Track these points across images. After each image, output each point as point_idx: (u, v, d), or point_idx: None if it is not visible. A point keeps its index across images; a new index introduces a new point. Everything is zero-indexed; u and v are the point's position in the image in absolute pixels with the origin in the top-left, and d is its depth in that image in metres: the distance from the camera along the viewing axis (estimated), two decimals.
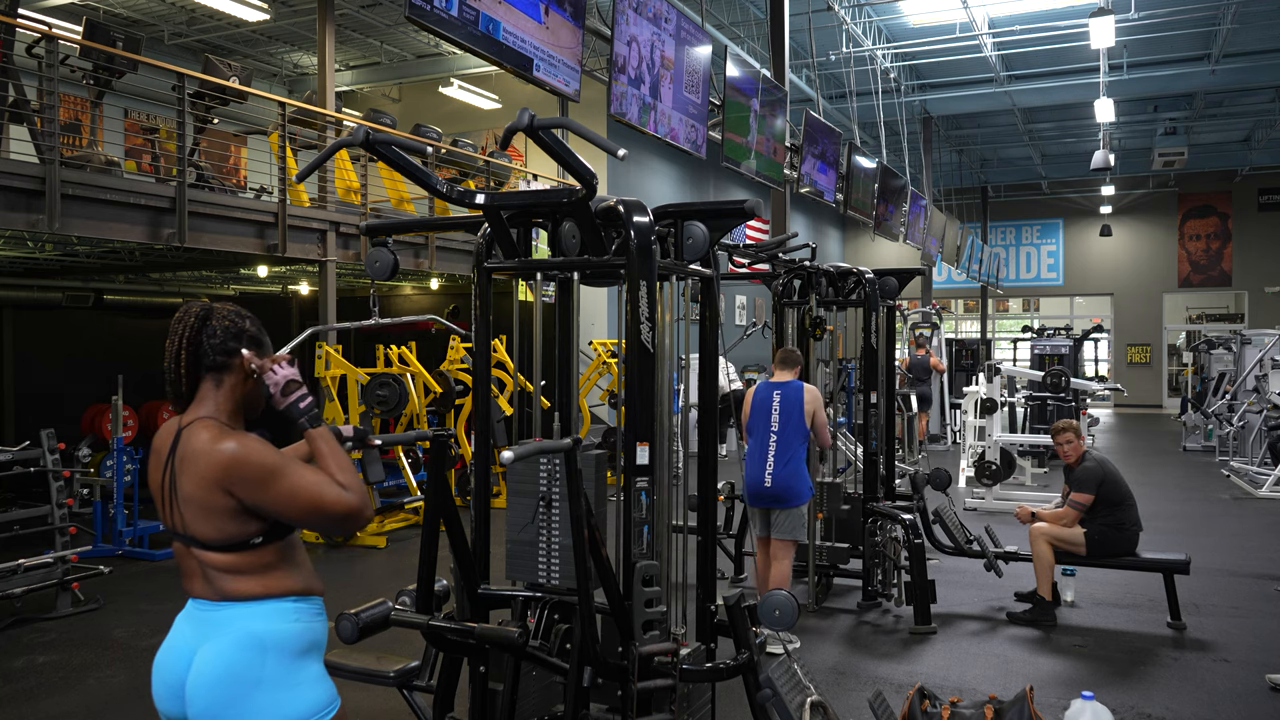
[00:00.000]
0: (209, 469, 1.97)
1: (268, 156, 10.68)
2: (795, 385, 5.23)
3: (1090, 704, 3.32)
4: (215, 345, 2.07)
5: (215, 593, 2.03)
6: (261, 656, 2.00)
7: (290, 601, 2.06)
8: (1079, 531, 5.52)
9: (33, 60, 6.75)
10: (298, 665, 2.05)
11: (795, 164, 10.16)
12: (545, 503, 3.05)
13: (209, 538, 2.00)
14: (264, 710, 2.00)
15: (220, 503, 1.98)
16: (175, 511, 2.04)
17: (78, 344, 10.96)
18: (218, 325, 2.08)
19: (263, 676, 2.00)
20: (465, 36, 4.43)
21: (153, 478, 2.11)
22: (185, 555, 2.08)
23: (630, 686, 2.77)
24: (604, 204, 3.00)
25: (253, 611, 2.02)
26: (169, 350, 2.06)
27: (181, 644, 2.07)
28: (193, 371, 2.06)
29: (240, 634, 2.01)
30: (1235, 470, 11.35)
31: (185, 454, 2.01)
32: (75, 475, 6.99)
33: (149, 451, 2.19)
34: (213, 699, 2.00)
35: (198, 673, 2.02)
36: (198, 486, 1.99)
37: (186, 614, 2.10)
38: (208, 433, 2.01)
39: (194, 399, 2.07)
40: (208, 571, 2.04)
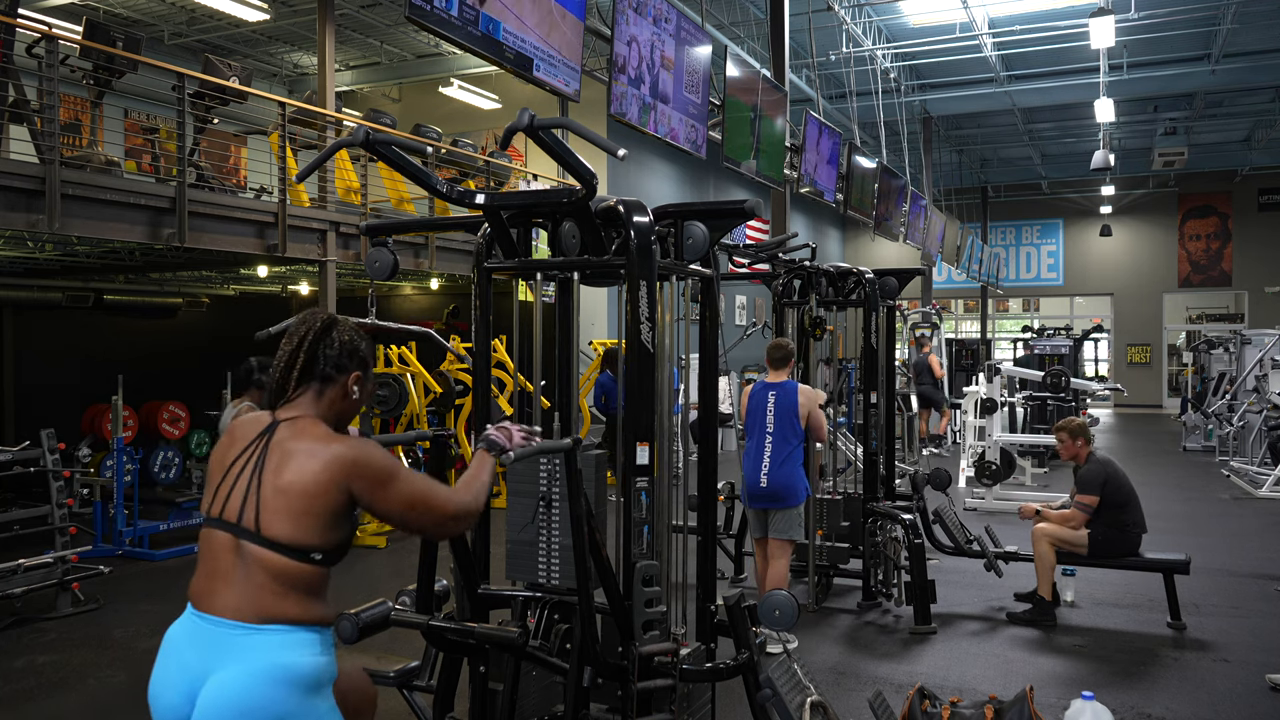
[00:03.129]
0: (332, 464, 1.97)
1: (268, 156, 10.67)
2: (790, 386, 5.23)
3: (1090, 704, 3.32)
4: (330, 357, 2.12)
5: (248, 609, 1.94)
6: (286, 692, 1.93)
7: (317, 632, 2.03)
8: (1082, 533, 5.52)
9: (33, 60, 6.75)
10: (315, 701, 1.99)
11: (795, 164, 10.16)
12: (545, 503, 3.05)
13: (280, 537, 1.95)
14: None
15: (328, 501, 1.97)
16: (245, 502, 1.97)
17: (78, 344, 10.96)
18: (337, 338, 2.13)
19: (285, 712, 1.92)
20: (465, 36, 4.43)
21: (222, 461, 2.07)
22: (223, 550, 1.98)
23: (630, 686, 2.77)
24: (604, 204, 3.00)
25: (282, 641, 1.95)
26: (284, 349, 2.11)
27: (185, 667, 1.95)
28: (303, 376, 2.10)
29: (266, 665, 1.92)
30: (1235, 470, 11.35)
31: (292, 445, 2.00)
32: (75, 475, 7.00)
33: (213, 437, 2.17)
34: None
35: (214, 703, 1.90)
36: (309, 481, 1.96)
37: (191, 632, 1.98)
38: (323, 431, 2.05)
39: (290, 401, 2.10)
40: (251, 576, 1.95)
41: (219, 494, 2.02)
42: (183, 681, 1.94)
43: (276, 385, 2.11)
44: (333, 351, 2.12)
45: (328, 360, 2.12)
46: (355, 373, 2.16)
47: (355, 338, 2.17)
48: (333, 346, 2.12)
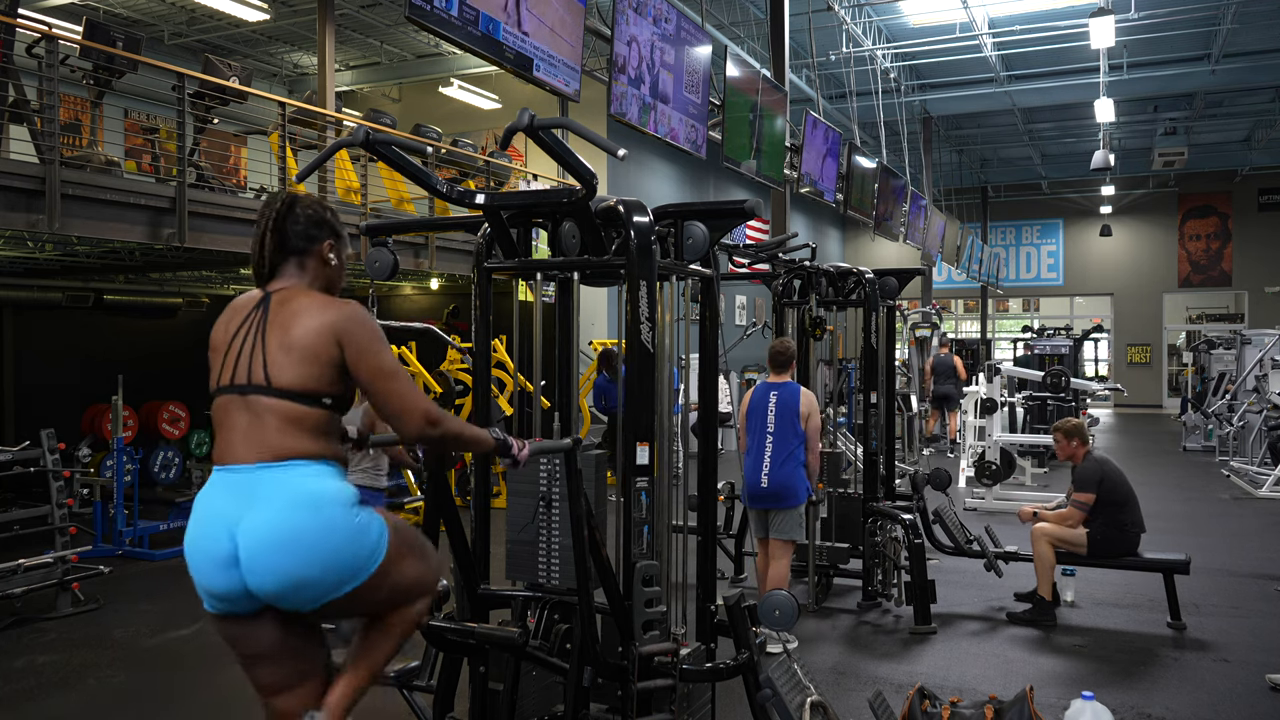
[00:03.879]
0: (327, 316, 2.13)
1: (268, 156, 10.67)
2: (792, 387, 5.23)
3: (1090, 704, 3.32)
4: (298, 231, 2.23)
5: (263, 451, 2.07)
6: (321, 510, 2.05)
7: (333, 465, 2.15)
8: (1081, 532, 5.52)
9: (33, 60, 6.75)
10: (350, 512, 2.10)
11: (795, 164, 10.16)
12: (545, 503, 3.05)
13: (291, 385, 2.09)
14: (345, 558, 2.06)
15: (324, 352, 2.11)
16: (253, 363, 2.11)
17: (78, 344, 10.95)
18: (301, 213, 2.24)
19: (330, 525, 2.05)
20: (465, 36, 4.43)
21: (223, 335, 2.19)
22: (236, 410, 2.11)
23: (630, 686, 2.77)
24: (604, 204, 3.00)
25: (304, 471, 2.08)
26: (256, 235, 2.23)
27: (219, 514, 2.07)
28: (276, 254, 2.22)
29: (293, 493, 2.05)
30: (1235, 470, 11.35)
31: (289, 308, 2.14)
32: (75, 475, 6.99)
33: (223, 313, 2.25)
34: (285, 563, 2.02)
35: (257, 539, 2.02)
36: (307, 332, 2.11)
37: (219, 484, 2.11)
38: (316, 295, 2.20)
39: (276, 279, 2.23)
40: (263, 423, 2.08)
41: (226, 365, 2.15)
42: (221, 527, 2.05)
43: (256, 268, 2.22)
44: (300, 226, 2.23)
45: (296, 235, 2.23)
46: (327, 240, 2.27)
47: (318, 209, 2.28)
48: (299, 222, 2.23)
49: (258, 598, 2.07)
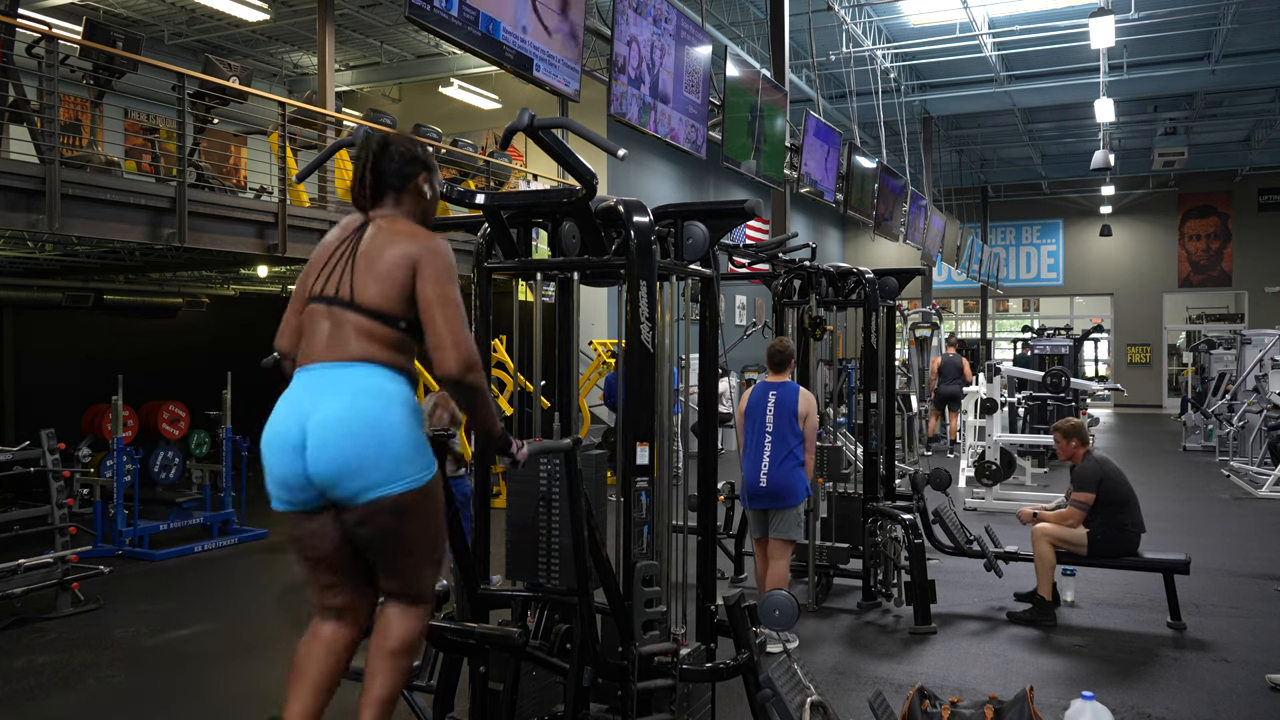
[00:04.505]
0: (409, 246, 2.32)
1: (268, 156, 10.67)
2: (791, 387, 5.23)
3: (1090, 704, 3.31)
4: (394, 169, 2.44)
5: (343, 354, 2.28)
6: (386, 404, 2.26)
7: (405, 374, 2.36)
8: (1081, 532, 5.52)
9: (33, 60, 6.75)
10: (415, 420, 2.32)
11: (795, 164, 10.16)
12: (545, 502, 3.05)
13: (371, 303, 2.30)
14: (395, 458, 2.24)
15: (401, 277, 2.30)
16: (341, 280, 2.33)
17: (78, 344, 10.95)
18: (395, 152, 2.45)
19: (392, 421, 2.25)
20: (465, 36, 4.43)
21: (325, 252, 2.41)
22: (322, 318, 2.33)
23: (630, 686, 2.77)
24: (604, 204, 3.00)
25: (375, 371, 2.29)
26: (355, 175, 2.43)
27: (296, 406, 2.27)
28: (377, 193, 2.44)
29: (363, 385, 2.26)
30: (1235, 470, 11.35)
31: (381, 236, 2.36)
32: (75, 475, 6.99)
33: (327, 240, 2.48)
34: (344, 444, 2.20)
35: (325, 422, 2.22)
36: (390, 258, 2.31)
37: (299, 382, 2.31)
38: (407, 225, 2.40)
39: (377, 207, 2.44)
40: (344, 333, 2.29)
41: (321, 277, 2.38)
42: (295, 418, 2.26)
43: (357, 200, 2.44)
44: (394, 164, 2.44)
45: (392, 173, 2.44)
46: (420, 174, 2.48)
47: (410, 146, 2.49)
48: (393, 160, 2.44)
49: (315, 484, 2.25)
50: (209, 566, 7.10)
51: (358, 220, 2.45)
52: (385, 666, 2.43)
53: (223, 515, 7.97)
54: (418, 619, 2.48)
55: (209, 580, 6.73)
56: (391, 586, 2.47)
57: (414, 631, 2.47)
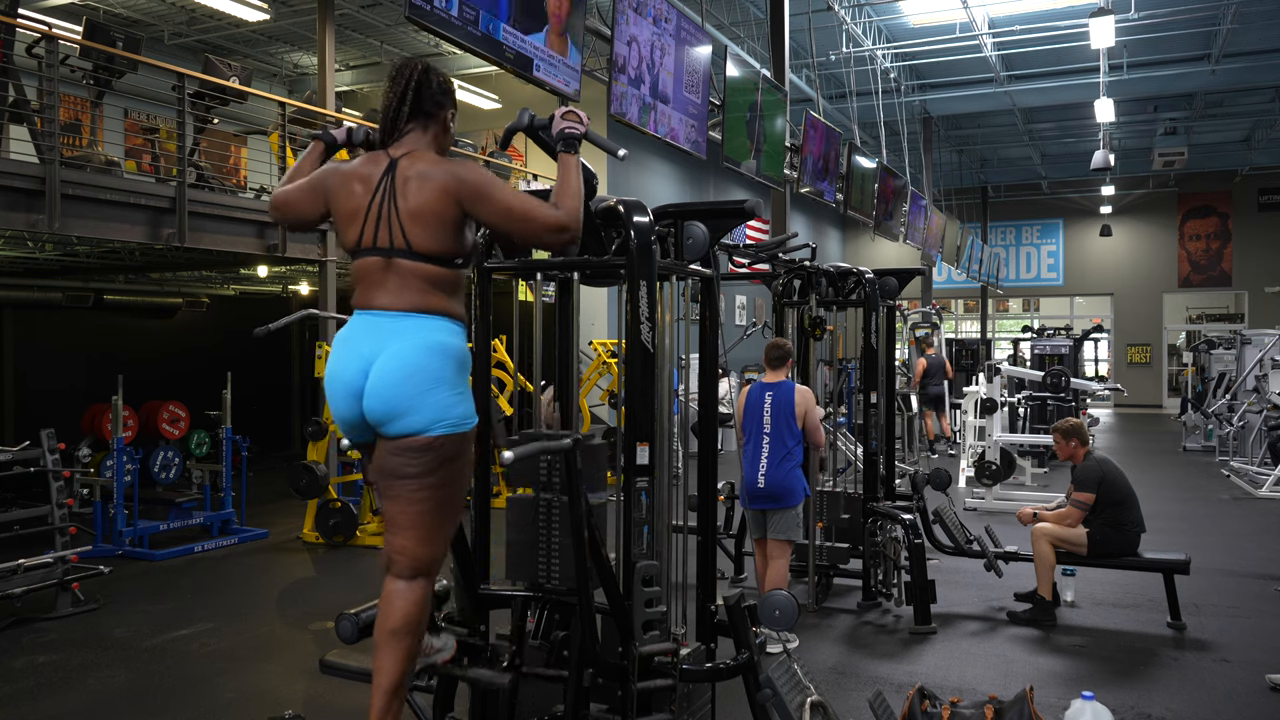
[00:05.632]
0: (443, 187, 2.37)
1: (268, 156, 10.67)
2: (787, 386, 5.22)
3: (1090, 704, 3.31)
4: (431, 95, 2.50)
5: (405, 303, 2.36)
6: (443, 359, 2.36)
7: (460, 324, 2.45)
8: (1081, 531, 5.52)
9: (33, 60, 6.75)
10: (464, 374, 2.42)
11: (795, 164, 10.16)
12: (545, 490, 3.04)
13: (428, 249, 2.37)
14: (440, 405, 2.35)
15: (449, 213, 2.37)
16: (392, 230, 2.36)
17: (78, 344, 10.95)
18: (434, 79, 2.52)
19: (443, 375, 2.36)
20: (465, 36, 4.43)
21: (355, 200, 2.42)
22: (381, 269, 2.39)
23: (630, 686, 2.77)
24: (604, 204, 3.00)
25: (434, 324, 2.38)
26: (392, 93, 2.46)
27: (359, 352, 2.36)
28: (412, 114, 2.47)
29: (424, 339, 2.35)
30: (1235, 470, 11.35)
31: (413, 174, 2.38)
32: (75, 475, 6.99)
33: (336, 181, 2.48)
34: (399, 392, 2.31)
35: (385, 371, 2.32)
36: (431, 199, 2.36)
37: (362, 325, 2.39)
38: (432, 158, 2.43)
39: (402, 139, 2.47)
40: (407, 282, 2.37)
41: (366, 229, 2.40)
42: (358, 360, 2.36)
43: (389, 123, 2.46)
44: (434, 90, 2.50)
45: (430, 98, 2.49)
46: (450, 108, 2.57)
47: (448, 79, 2.57)
48: (433, 85, 2.50)
49: (369, 425, 2.38)
50: (209, 566, 7.10)
51: (379, 161, 2.45)
52: (390, 649, 2.45)
53: (223, 515, 7.97)
54: (419, 593, 2.49)
55: (209, 580, 6.73)
56: (398, 544, 2.48)
57: (416, 607, 2.49)
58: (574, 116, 2.64)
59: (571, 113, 2.65)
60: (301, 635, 5.45)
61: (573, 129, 2.62)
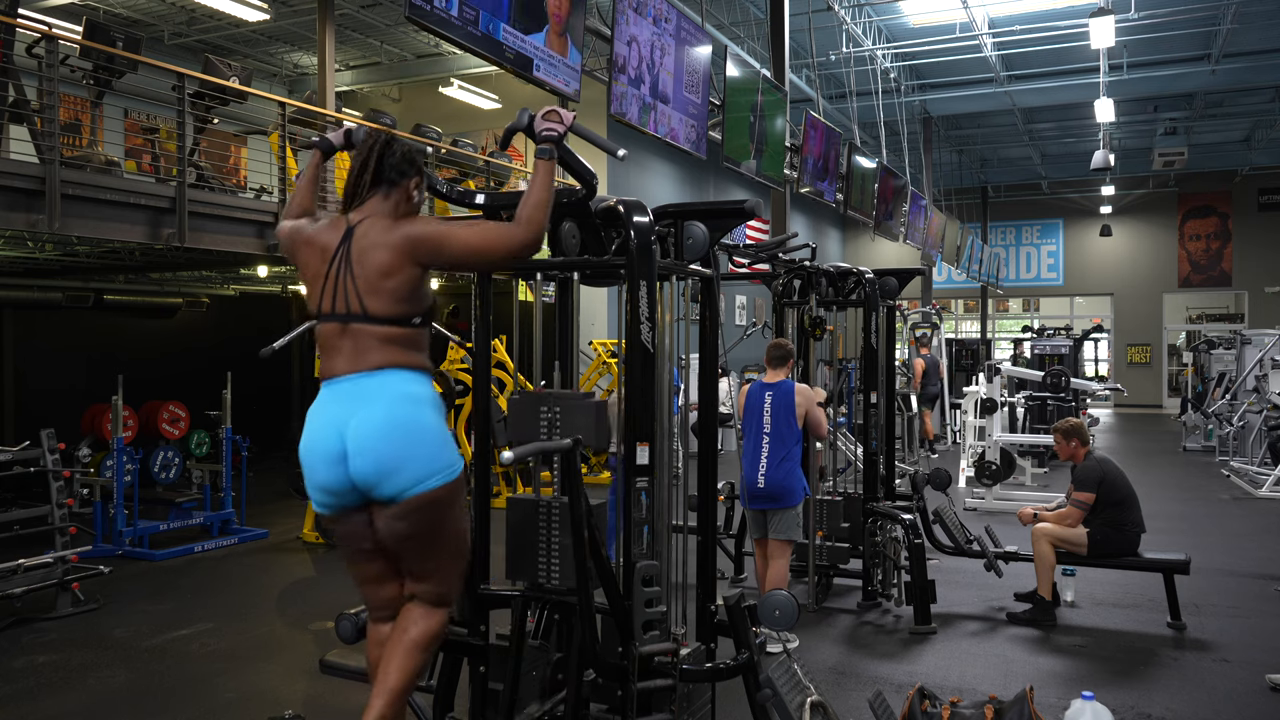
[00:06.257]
0: (396, 250, 2.38)
1: (268, 156, 10.67)
2: (787, 385, 5.22)
3: (1090, 704, 3.31)
4: (393, 164, 2.50)
5: (366, 364, 2.38)
6: (415, 408, 2.37)
7: (425, 373, 2.46)
8: (1081, 531, 5.52)
9: (33, 60, 6.75)
10: (440, 418, 2.43)
11: (795, 164, 10.16)
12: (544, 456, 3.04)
13: (385, 312, 2.39)
14: (429, 456, 2.36)
15: (407, 273, 2.39)
16: (349, 295, 2.39)
17: (78, 344, 10.95)
18: (399, 149, 2.53)
19: (422, 424, 2.37)
20: (465, 36, 4.43)
21: (314, 267, 2.46)
22: (339, 335, 2.41)
23: (630, 686, 2.77)
24: (604, 204, 3.00)
25: (398, 377, 2.39)
26: (356, 161, 2.49)
27: (331, 419, 2.37)
28: (373, 182, 2.48)
29: (396, 394, 2.36)
30: (1235, 470, 11.35)
31: (367, 242, 2.41)
32: (75, 475, 6.99)
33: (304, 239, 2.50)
34: (383, 449, 2.32)
35: (363, 432, 2.32)
36: (387, 261, 2.38)
37: (329, 394, 2.41)
38: (387, 222, 2.44)
39: (362, 204, 2.49)
40: (367, 345, 2.39)
41: (325, 295, 2.43)
42: (331, 426, 2.36)
43: (350, 190, 2.49)
44: (395, 159, 2.50)
45: (392, 167, 2.50)
46: (415, 178, 2.55)
47: (413, 149, 2.57)
48: (395, 155, 2.51)
49: (358, 488, 2.36)
50: (209, 566, 7.10)
51: (338, 226, 2.48)
52: (403, 657, 2.52)
53: (223, 515, 7.97)
54: (440, 619, 2.59)
55: (209, 580, 6.73)
56: (418, 589, 2.59)
57: (435, 629, 2.58)
58: (555, 116, 2.61)
59: (553, 112, 2.62)
60: (301, 635, 5.45)
61: (550, 130, 2.59)
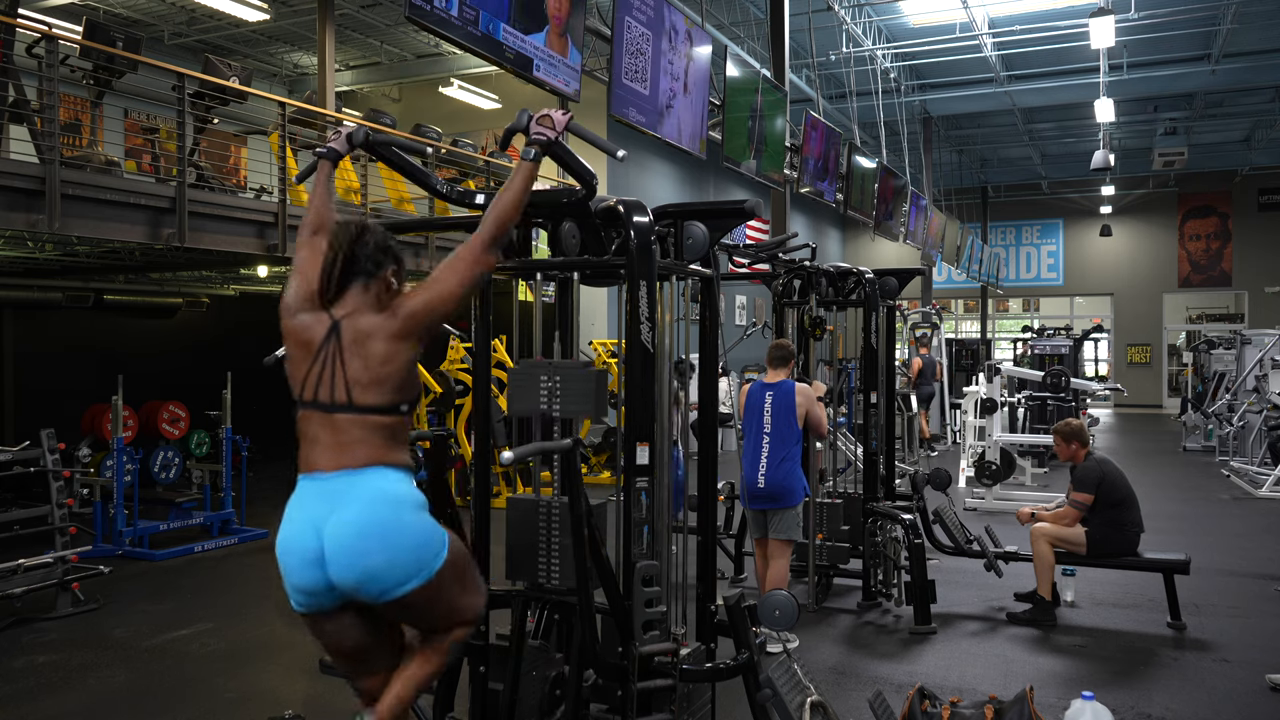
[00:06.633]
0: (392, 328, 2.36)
1: (268, 156, 10.67)
2: (787, 385, 5.22)
3: (1090, 704, 3.31)
4: (368, 255, 2.41)
5: (347, 461, 2.31)
6: (398, 509, 2.30)
7: (407, 472, 2.39)
8: (1080, 531, 5.52)
9: (33, 60, 6.75)
10: (420, 515, 2.35)
11: (795, 164, 10.16)
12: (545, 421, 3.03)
13: (378, 402, 2.34)
14: (416, 548, 2.30)
15: (403, 356, 2.36)
16: (335, 385, 2.34)
17: (78, 344, 10.95)
18: (371, 240, 2.43)
19: (406, 524, 2.30)
20: (465, 36, 4.43)
21: (297, 357, 2.40)
22: (321, 425, 2.34)
23: (630, 686, 2.77)
24: (604, 204, 3.00)
25: (384, 476, 2.32)
26: (327, 256, 2.42)
27: (309, 517, 2.30)
28: (346, 276, 2.40)
29: (376, 493, 2.30)
30: (1235, 470, 11.35)
31: (361, 334, 2.36)
32: (75, 475, 6.99)
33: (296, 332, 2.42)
34: (361, 553, 2.25)
35: (340, 534, 2.26)
36: (382, 350, 2.34)
37: (308, 490, 2.34)
38: (374, 312, 2.40)
39: (341, 299, 2.41)
40: (350, 438, 2.32)
41: (308, 383, 2.37)
42: (310, 528, 2.29)
43: (322, 288, 2.41)
44: (368, 251, 2.41)
45: (367, 258, 2.41)
46: (392, 267, 2.46)
47: (386, 238, 2.48)
48: (368, 247, 2.42)
49: (337, 590, 2.29)
50: (209, 566, 7.10)
51: (323, 323, 2.39)
52: (433, 652, 2.51)
53: (223, 515, 7.97)
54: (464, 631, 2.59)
55: (209, 580, 6.73)
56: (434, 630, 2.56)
57: (462, 634, 2.58)
58: (548, 121, 2.59)
59: (546, 117, 2.59)
60: (301, 635, 5.41)
61: (540, 134, 2.58)
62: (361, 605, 2.35)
